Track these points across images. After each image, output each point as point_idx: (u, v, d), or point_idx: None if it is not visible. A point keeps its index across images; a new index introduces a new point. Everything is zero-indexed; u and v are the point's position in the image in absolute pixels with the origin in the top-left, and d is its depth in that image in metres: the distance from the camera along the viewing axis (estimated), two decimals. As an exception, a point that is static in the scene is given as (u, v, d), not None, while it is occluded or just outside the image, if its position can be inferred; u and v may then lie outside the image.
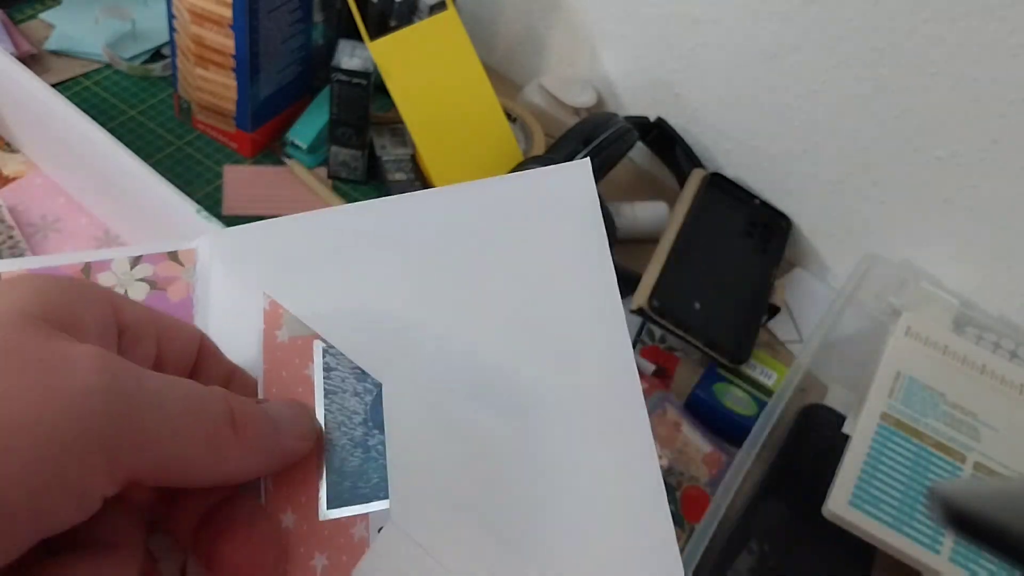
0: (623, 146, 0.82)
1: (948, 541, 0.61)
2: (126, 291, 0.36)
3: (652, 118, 0.94)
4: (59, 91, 0.73)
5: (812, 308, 0.88)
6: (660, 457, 0.66)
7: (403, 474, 0.30)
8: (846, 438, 0.67)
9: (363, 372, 0.32)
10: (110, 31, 0.95)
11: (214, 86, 0.84)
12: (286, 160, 0.89)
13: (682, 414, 0.75)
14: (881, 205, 0.85)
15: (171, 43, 0.85)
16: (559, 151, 0.80)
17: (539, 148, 0.89)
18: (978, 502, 0.31)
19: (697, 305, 0.77)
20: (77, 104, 0.72)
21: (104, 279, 0.36)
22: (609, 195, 0.81)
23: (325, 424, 0.31)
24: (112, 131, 0.72)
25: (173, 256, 0.38)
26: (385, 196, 0.85)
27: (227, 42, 0.79)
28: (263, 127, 0.88)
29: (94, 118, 0.71)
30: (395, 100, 0.79)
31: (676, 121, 0.95)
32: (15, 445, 0.21)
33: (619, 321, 0.32)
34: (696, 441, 0.73)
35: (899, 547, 0.60)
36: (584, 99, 0.97)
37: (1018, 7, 0.69)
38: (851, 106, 0.81)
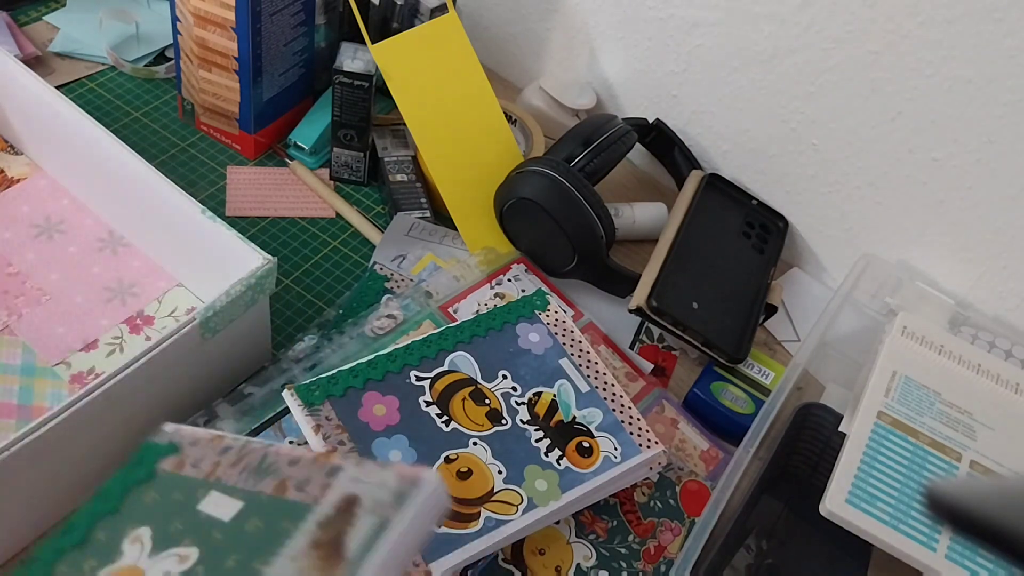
0: (622, 148, 0.82)
1: (944, 539, 0.61)
2: None
3: (651, 120, 0.95)
4: (63, 93, 0.74)
5: (809, 308, 0.89)
6: (661, 452, 0.66)
7: None
8: (843, 437, 0.67)
9: None
10: (114, 33, 0.96)
11: (217, 88, 0.85)
12: (289, 162, 0.89)
13: (680, 412, 0.75)
14: (877, 206, 0.85)
15: (175, 45, 0.85)
16: (558, 152, 0.80)
17: (539, 149, 0.90)
18: (973, 500, 0.31)
19: (695, 305, 0.78)
20: (81, 106, 0.73)
21: None
22: (608, 196, 0.82)
23: None
24: (116, 133, 0.73)
25: None
26: (387, 196, 0.86)
27: (230, 44, 0.80)
28: (266, 129, 0.89)
29: (98, 120, 0.71)
30: (397, 102, 0.80)
31: (674, 123, 0.96)
32: None
33: None
34: (694, 438, 0.74)
35: (895, 545, 0.60)
36: (583, 101, 0.97)
37: (1012, 9, 0.69)
38: (847, 108, 0.82)
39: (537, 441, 0.64)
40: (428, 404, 0.64)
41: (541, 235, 0.79)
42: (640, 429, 0.67)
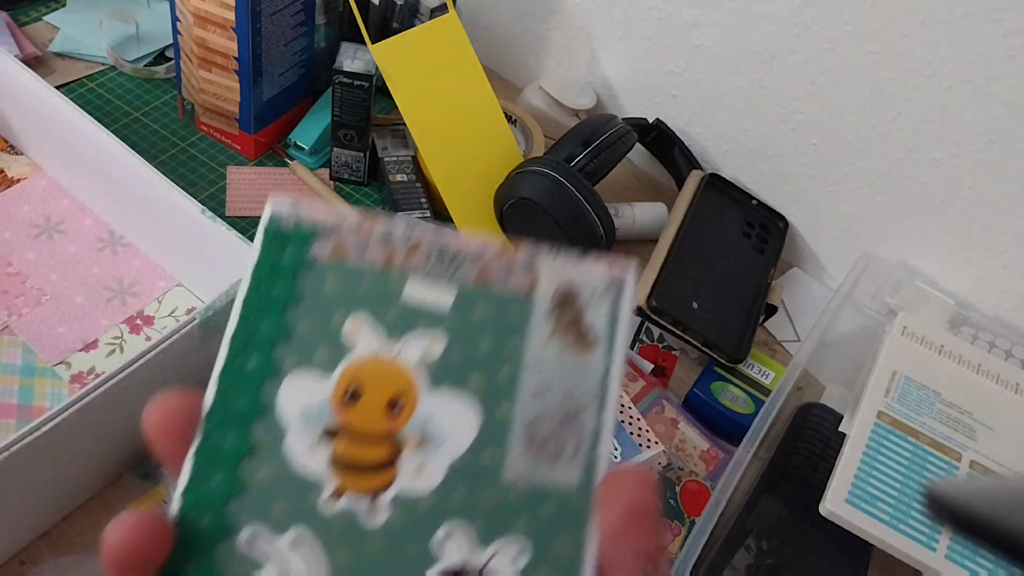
0: (622, 148, 0.82)
1: (944, 539, 0.62)
2: None
3: (651, 120, 0.95)
4: (63, 93, 0.74)
5: (809, 308, 0.89)
6: (661, 452, 0.66)
7: None
8: (843, 437, 0.67)
9: None
10: (114, 33, 0.96)
11: (217, 88, 0.85)
12: (289, 162, 0.89)
13: (680, 412, 0.75)
14: (877, 206, 0.85)
15: (175, 45, 0.85)
16: (559, 152, 0.80)
17: (539, 149, 0.90)
18: (973, 500, 0.31)
19: (695, 305, 0.78)
20: (81, 106, 0.73)
21: None
22: (608, 196, 0.82)
23: None
24: (116, 133, 0.72)
25: None
26: (387, 196, 0.86)
27: (230, 44, 0.80)
28: (266, 129, 0.89)
29: (98, 120, 0.71)
30: (397, 102, 0.80)
31: (674, 123, 0.96)
32: None
33: None
34: (694, 438, 0.74)
35: (895, 545, 0.61)
36: (583, 101, 0.97)
37: (1012, 9, 0.69)
38: (847, 108, 0.82)
39: None
40: None
41: (541, 235, 0.79)
42: (640, 429, 0.67)
